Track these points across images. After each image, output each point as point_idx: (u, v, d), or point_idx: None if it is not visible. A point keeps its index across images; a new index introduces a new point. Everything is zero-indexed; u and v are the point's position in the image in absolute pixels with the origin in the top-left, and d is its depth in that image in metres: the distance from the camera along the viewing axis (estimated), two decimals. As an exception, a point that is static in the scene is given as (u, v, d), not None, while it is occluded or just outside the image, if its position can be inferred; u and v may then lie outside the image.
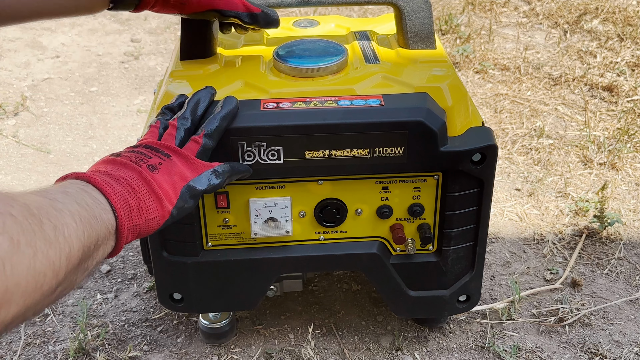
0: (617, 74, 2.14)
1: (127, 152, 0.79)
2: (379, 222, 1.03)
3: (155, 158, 0.79)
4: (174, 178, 0.79)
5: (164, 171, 0.79)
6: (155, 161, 0.78)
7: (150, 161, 0.78)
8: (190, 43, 1.05)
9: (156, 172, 0.77)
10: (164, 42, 2.49)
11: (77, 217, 0.62)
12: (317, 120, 0.91)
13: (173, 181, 0.79)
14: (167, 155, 0.81)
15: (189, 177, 0.81)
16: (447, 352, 1.18)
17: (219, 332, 1.17)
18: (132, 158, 0.77)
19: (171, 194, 0.78)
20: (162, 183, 0.77)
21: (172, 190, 0.78)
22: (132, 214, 0.72)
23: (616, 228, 1.48)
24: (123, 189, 0.72)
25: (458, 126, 0.96)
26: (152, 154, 0.80)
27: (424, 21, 1.07)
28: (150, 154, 0.79)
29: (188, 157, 0.82)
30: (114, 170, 0.74)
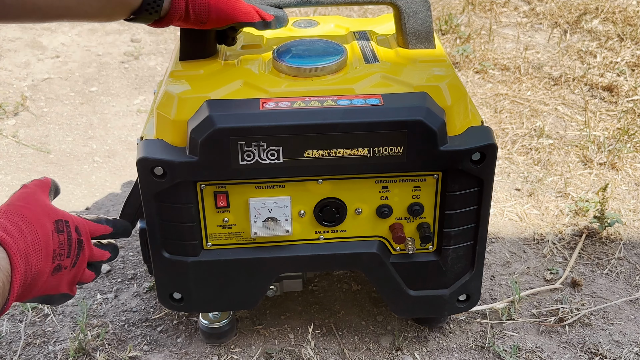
0: (617, 74, 2.14)
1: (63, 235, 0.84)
2: (379, 222, 1.03)
3: (68, 260, 0.84)
4: (66, 284, 0.86)
5: (61, 275, 0.84)
6: (67, 263, 0.84)
7: (62, 262, 0.83)
8: (190, 43, 1.05)
9: (56, 274, 0.83)
10: (164, 42, 2.49)
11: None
12: (317, 119, 0.91)
13: (63, 284, 0.86)
14: (74, 263, 0.86)
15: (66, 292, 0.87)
16: (447, 352, 1.18)
17: (219, 332, 1.17)
18: (56, 249, 0.82)
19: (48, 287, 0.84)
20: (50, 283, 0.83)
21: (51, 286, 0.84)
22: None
23: (616, 228, 1.48)
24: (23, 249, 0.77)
25: (457, 125, 0.96)
26: (72, 253, 0.85)
27: (423, 21, 1.07)
28: (71, 252, 0.85)
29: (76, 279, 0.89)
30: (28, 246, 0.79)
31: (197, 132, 0.91)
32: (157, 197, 0.97)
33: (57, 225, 0.83)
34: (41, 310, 1.28)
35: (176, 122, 0.95)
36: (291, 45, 1.06)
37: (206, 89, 0.97)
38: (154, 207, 0.98)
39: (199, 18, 0.96)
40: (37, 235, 0.79)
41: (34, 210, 0.82)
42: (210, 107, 0.92)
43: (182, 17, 0.96)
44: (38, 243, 0.79)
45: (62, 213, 0.86)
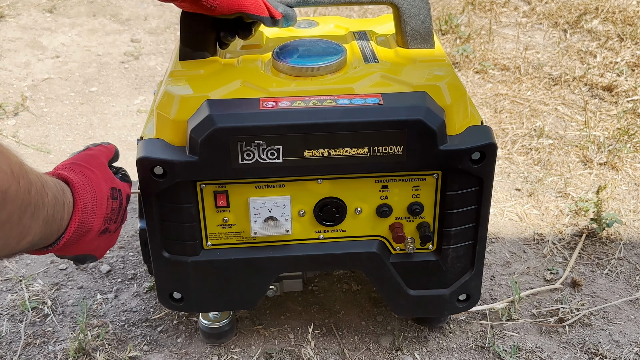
0: (617, 74, 2.14)
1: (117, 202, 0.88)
2: (379, 221, 1.03)
3: (114, 225, 0.89)
4: (104, 247, 0.92)
5: (104, 237, 0.88)
6: (113, 227, 0.89)
7: (110, 226, 0.88)
8: (190, 43, 1.05)
9: (103, 234, 0.87)
10: (164, 42, 2.50)
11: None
12: (316, 119, 0.91)
13: (103, 247, 0.91)
14: (117, 228, 0.91)
15: (99, 254, 0.92)
16: (447, 352, 1.18)
17: (219, 332, 1.17)
18: (109, 212, 0.87)
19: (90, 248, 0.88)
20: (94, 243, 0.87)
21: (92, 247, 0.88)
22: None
23: (616, 228, 1.48)
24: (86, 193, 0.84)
25: (457, 125, 0.96)
26: (119, 219, 0.90)
27: (423, 20, 1.07)
28: (118, 219, 0.90)
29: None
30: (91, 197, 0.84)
31: (197, 132, 0.91)
32: (157, 196, 0.97)
33: (112, 192, 0.87)
34: (41, 310, 1.28)
35: (176, 121, 0.95)
36: (291, 45, 1.07)
37: (206, 89, 0.97)
38: (154, 207, 0.98)
39: (209, 0, 0.95)
40: (95, 196, 0.83)
41: (96, 173, 0.86)
42: (210, 106, 0.92)
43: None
44: (95, 203, 0.83)
45: (117, 182, 0.90)
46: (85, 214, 0.82)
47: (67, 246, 0.83)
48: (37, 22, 2.62)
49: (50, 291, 1.33)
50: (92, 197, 0.83)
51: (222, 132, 0.91)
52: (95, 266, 1.40)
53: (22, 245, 0.71)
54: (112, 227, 0.88)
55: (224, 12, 0.98)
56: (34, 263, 1.41)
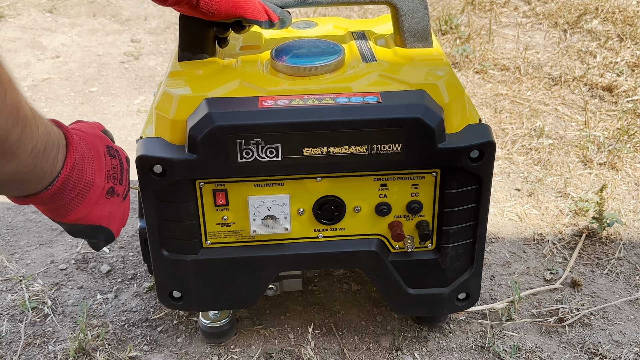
0: (617, 74, 2.14)
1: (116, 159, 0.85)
2: (378, 220, 1.03)
3: (120, 187, 0.86)
4: (117, 217, 0.87)
5: (113, 201, 0.85)
6: (120, 190, 0.85)
7: (117, 187, 0.85)
8: (188, 45, 1.05)
9: (109, 196, 0.84)
10: (164, 42, 2.50)
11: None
12: (315, 117, 0.91)
13: (115, 217, 0.87)
14: (125, 194, 0.88)
15: (113, 228, 0.87)
16: (447, 352, 1.18)
17: (218, 331, 1.17)
18: (108, 165, 0.83)
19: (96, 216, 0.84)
20: (103, 206, 0.83)
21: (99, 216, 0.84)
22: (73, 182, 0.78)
23: (616, 228, 1.48)
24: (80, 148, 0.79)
25: (455, 123, 0.96)
26: (124, 181, 0.86)
27: (421, 20, 1.07)
28: (123, 180, 0.86)
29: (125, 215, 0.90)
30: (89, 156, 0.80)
31: (196, 130, 0.91)
32: (156, 195, 0.97)
33: (108, 149, 0.84)
34: (41, 310, 1.28)
35: (175, 121, 0.95)
36: (289, 45, 1.07)
37: (205, 89, 0.97)
38: (153, 206, 0.98)
39: (208, 6, 0.96)
40: (90, 149, 0.80)
41: (87, 132, 0.83)
42: (209, 105, 0.92)
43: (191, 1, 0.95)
44: (91, 154, 0.80)
45: (113, 144, 0.88)
46: (81, 161, 0.78)
47: (68, 201, 0.78)
48: (37, 22, 2.62)
49: (50, 291, 1.33)
50: (86, 148, 0.79)
51: (221, 130, 0.91)
52: (95, 266, 1.40)
53: (5, 172, 0.66)
54: (119, 190, 0.84)
55: (223, 17, 0.99)
56: (34, 263, 1.41)
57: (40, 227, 1.53)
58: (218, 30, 1.04)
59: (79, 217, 0.81)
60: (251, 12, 0.99)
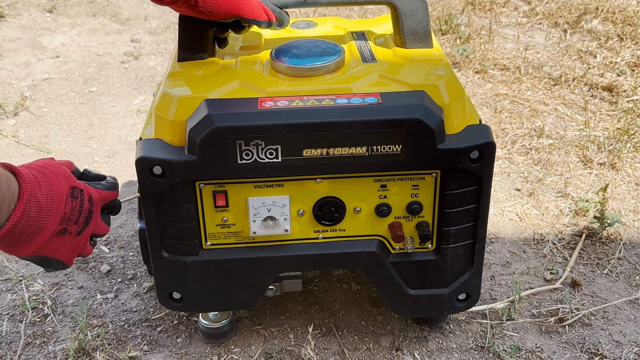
0: (617, 74, 2.14)
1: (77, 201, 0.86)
2: (378, 221, 1.03)
3: (74, 227, 0.87)
4: (66, 251, 0.88)
5: (62, 239, 0.86)
6: (73, 229, 0.86)
7: (70, 227, 0.86)
8: (188, 45, 1.05)
9: (60, 235, 0.85)
10: (164, 42, 2.50)
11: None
12: (315, 118, 0.91)
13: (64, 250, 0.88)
14: (80, 231, 0.88)
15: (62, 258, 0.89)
16: (447, 352, 1.18)
17: (218, 332, 1.17)
18: (67, 212, 0.84)
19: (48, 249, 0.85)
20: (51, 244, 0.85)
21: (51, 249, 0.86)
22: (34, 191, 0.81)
23: (616, 228, 1.48)
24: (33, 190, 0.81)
25: (455, 124, 0.96)
26: (80, 220, 0.87)
27: (421, 20, 1.07)
28: (79, 219, 0.87)
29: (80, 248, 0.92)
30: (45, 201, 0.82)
31: (196, 131, 0.91)
32: (156, 196, 0.97)
33: (72, 191, 0.85)
34: (41, 310, 1.28)
35: (174, 122, 0.95)
36: (289, 45, 1.06)
37: (204, 90, 0.97)
38: (153, 207, 0.98)
39: (206, 5, 0.96)
40: (52, 193, 0.82)
41: (54, 171, 0.85)
42: (208, 106, 0.92)
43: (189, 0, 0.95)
44: (51, 198, 0.81)
45: (80, 183, 0.89)
46: (34, 209, 0.79)
47: (14, 242, 0.80)
48: (37, 22, 2.62)
49: (50, 291, 1.33)
50: (47, 193, 0.81)
51: (221, 131, 0.91)
52: (95, 266, 1.40)
53: None
54: (73, 229, 0.86)
55: (222, 16, 0.99)
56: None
57: (40, 227, 1.53)
58: (217, 31, 1.04)
59: (25, 254, 0.84)
60: (250, 11, 0.99)
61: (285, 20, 1.07)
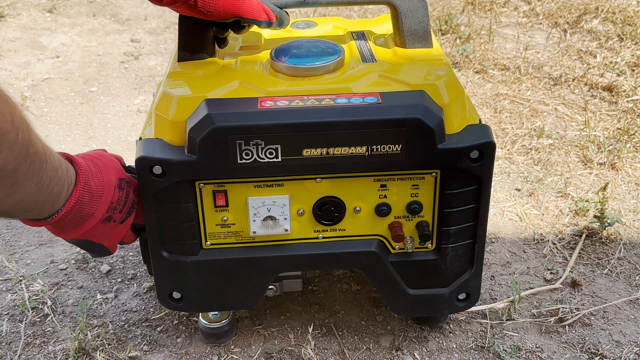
0: (617, 74, 2.14)
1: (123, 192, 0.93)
2: (378, 220, 1.03)
3: (119, 215, 0.93)
4: (110, 237, 0.96)
5: (107, 226, 0.93)
6: (117, 217, 0.93)
7: (115, 215, 0.92)
8: (188, 45, 1.05)
9: (107, 222, 0.92)
10: (164, 42, 2.50)
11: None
12: (315, 118, 0.91)
13: (108, 237, 0.95)
14: (123, 220, 0.95)
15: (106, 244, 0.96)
16: (447, 352, 1.18)
17: (218, 332, 1.17)
18: (114, 202, 0.91)
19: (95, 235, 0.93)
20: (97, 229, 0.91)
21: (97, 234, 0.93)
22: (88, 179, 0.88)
23: (616, 228, 1.48)
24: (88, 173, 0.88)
25: (455, 124, 0.96)
26: (124, 210, 0.93)
27: (420, 20, 1.07)
28: (124, 209, 0.93)
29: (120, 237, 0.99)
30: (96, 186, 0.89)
31: (196, 131, 0.91)
32: (156, 196, 0.97)
33: (120, 182, 0.92)
34: (41, 310, 1.28)
35: (174, 122, 0.95)
36: (288, 45, 1.06)
37: (204, 89, 0.97)
38: (153, 207, 0.98)
39: (206, 5, 0.96)
40: (102, 182, 0.89)
41: (105, 162, 0.92)
42: (208, 105, 0.92)
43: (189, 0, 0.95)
44: (101, 188, 0.88)
45: (127, 175, 0.95)
46: (86, 196, 0.85)
47: (66, 225, 0.86)
48: (37, 22, 2.62)
49: (50, 291, 1.33)
50: (98, 182, 0.88)
51: (221, 131, 0.91)
52: (95, 266, 1.40)
53: (10, 201, 0.74)
54: (117, 217, 0.92)
55: (221, 16, 0.99)
56: (34, 263, 1.41)
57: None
58: (217, 31, 1.04)
59: (74, 237, 0.91)
60: (249, 11, 0.99)
61: (285, 20, 1.07)
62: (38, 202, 0.79)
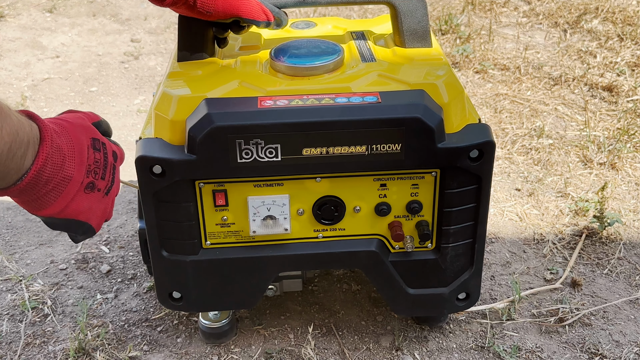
0: (617, 74, 2.14)
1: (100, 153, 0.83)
2: (378, 220, 1.03)
3: (102, 182, 0.83)
4: (97, 213, 0.85)
5: (93, 196, 0.83)
6: (101, 184, 0.83)
7: (97, 182, 0.83)
8: (188, 45, 1.05)
9: (87, 192, 0.82)
10: (164, 42, 2.50)
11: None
12: (315, 117, 0.91)
13: (95, 212, 0.84)
14: (108, 189, 0.85)
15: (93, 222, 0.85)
16: (447, 352, 1.18)
17: (218, 332, 1.17)
18: (91, 164, 0.81)
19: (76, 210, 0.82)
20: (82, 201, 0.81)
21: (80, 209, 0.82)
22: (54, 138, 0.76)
23: (616, 228, 1.48)
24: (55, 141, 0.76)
25: (455, 123, 0.96)
26: (107, 176, 0.84)
27: (420, 19, 1.07)
28: (106, 175, 0.84)
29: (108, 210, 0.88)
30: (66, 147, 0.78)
31: (196, 130, 0.91)
32: (156, 195, 0.97)
33: (94, 142, 0.82)
34: (41, 310, 1.28)
35: (174, 121, 0.95)
36: (288, 45, 1.07)
37: (204, 89, 0.97)
38: (153, 206, 0.98)
39: (205, 6, 0.96)
40: (71, 141, 0.78)
41: (70, 122, 0.81)
42: (208, 105, 0.92)
43: (188, 1, 0.95)
44: (71, 146, 0.78)
45: (100, 135, 0.85)
46: (57, 155, 0.76)
47: (43, 195, 0.77)
48: (37, 22, 2.62)
49: (50, 291, 1.33)
50: (67, 141, 0.78)
51: (221, 130, 0.91)
52: (95, 266, 1.40)
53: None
54: (101, 185, 0.83)
55: (220, 17, 0.99)
56: (34, 263, 1.41)
57: (40, 227, 1.53)
58: (217, 31, 1.05)
59: (55, 212, 0.80)
60: (248, 11, 1.00)
61: (283, 20, 1.07)
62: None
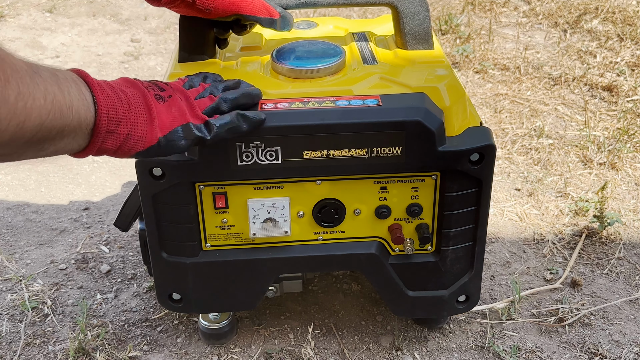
0: (617, 74, 2.14)
1: (143, 81, 0.82)
2: (378, 222, 1.03)
3: (167, 92, 0.82)
4: (174, 112, 0.81)
5: (168, 104, 0.81)
6: (165, 94, 0.81)
7: (161, 93, 0.81)
8: (188, 46, 1.05)
9: (160, 102, 0.80)
10: (164, 42, 2.50)
11: (51, 97, 0.63)
12: (315, 120, 0.91)
13: (172, 115, 0.81)
14: (177, 96, 0.83)
15: (189, 119, 0.82)
16: (447, 352, 1.18)
17: (218, 332, 1.17)
18: (144, 83, 0.80)
19: (166, 124, 0.80)
20: (162, 111, 0.80)
21: (168, 121, 0.80)
22: (116, 121, 0.74)
23: (616, 228, 1.48)
24: (115, 97, 0.74)
25: (456, 126, 0.96)
26: (166, 89, 0.83)
27: (422, 22, 1.07)
28: (164, 88, 0.83)
29: (194, 105, 0.84)
30: (117, 84, 0.77)
31: (196, 133, 0.91)
32: (156, 198, 0.97)
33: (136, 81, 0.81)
34: (41, 310, 1.28)
35: (175, 122, 0.95)
36: (290, 46, 1.06)
37: (205, 90, 0.97)
38: (153, 208, 0.98)
39: (205, 3, 0.95)
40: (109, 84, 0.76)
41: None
42: (209, 107, 0.92)
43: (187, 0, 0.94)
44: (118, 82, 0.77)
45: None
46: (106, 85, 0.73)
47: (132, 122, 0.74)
48: (37, 22, 2.62)
49: (50, 291, 1.33)
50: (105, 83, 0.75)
51: (221, 133, 0.90)
52: (95, 266, 1.40)
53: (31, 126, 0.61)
54: (164, 94, 0.81)
55: (220, 14, 0.98)
56: (34, 263, 1.42)
57: (40, 227, 1.53)
58: (218, 32, 1.04)
59: (166, 128, 0.79)
60: (249, 7, 0.98)
61: (289, 20, 1.04)
62: (63, 112, 0.65)
